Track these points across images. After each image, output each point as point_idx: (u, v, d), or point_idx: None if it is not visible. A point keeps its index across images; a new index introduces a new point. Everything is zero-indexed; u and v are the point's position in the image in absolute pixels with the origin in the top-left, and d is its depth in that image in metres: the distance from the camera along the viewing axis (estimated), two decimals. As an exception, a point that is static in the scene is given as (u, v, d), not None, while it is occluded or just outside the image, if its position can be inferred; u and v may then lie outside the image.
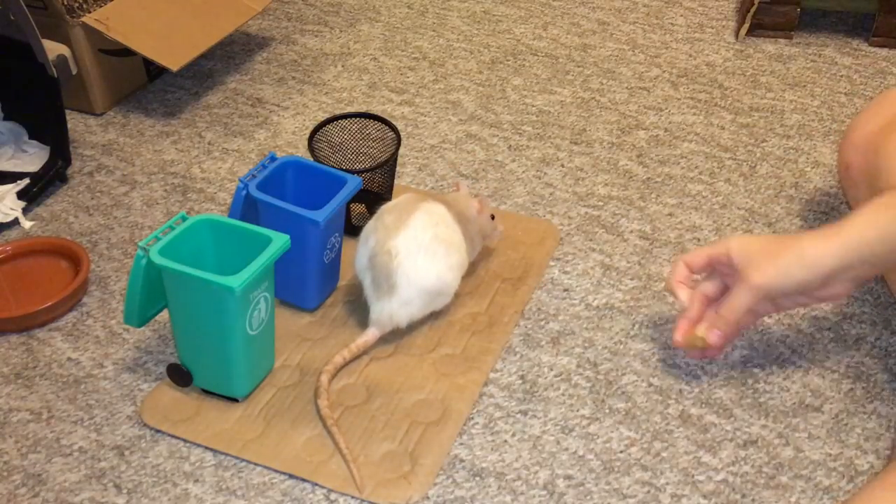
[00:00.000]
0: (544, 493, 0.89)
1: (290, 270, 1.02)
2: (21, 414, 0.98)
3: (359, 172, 1.10)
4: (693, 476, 0.90)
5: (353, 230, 1.18)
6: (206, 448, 0.93)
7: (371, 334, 1.01)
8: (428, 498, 0.88)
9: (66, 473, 0.91)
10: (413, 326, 1.05)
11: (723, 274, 0.98)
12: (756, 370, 1.01)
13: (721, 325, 0.95)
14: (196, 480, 0.90)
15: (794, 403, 0.97)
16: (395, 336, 1.04)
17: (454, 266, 1.02)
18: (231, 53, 1.62)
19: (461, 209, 1.06)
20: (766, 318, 1.07)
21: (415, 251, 0.99)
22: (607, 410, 0.97)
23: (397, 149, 1.15)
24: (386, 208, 1.04)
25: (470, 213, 1.07)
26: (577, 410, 0.97)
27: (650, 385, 1.00)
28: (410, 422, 0.94)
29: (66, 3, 1.35)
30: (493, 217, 1.10)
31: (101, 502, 0.88)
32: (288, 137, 1.41)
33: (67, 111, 1.35)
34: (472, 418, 0.96)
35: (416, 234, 1.00)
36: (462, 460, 0.92)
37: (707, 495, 0.88)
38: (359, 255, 1.03)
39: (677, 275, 0.99)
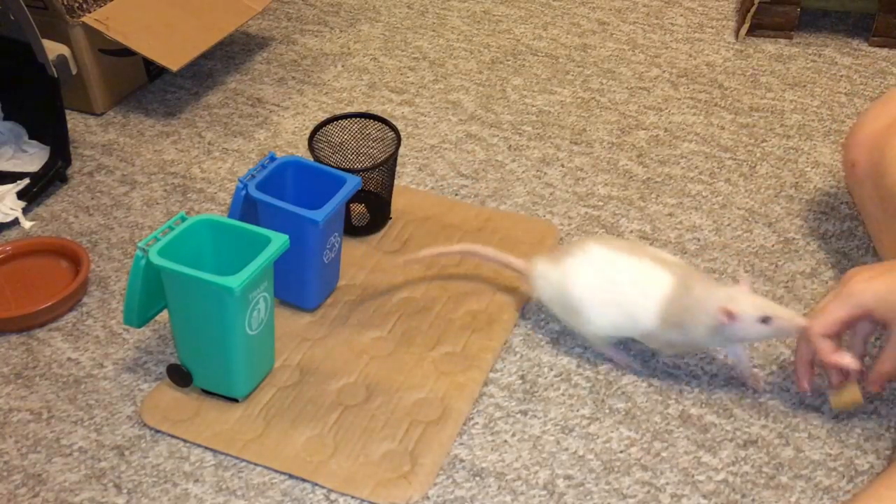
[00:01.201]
0: (544, 493, 0.89)
1: (290, 270, 1.02)
2: (21, 414, 0.98)
3: (359, 172, 1.10)
4: (693, 476, 0.90)
5: (353, 230, 1.18)
6: (206, 448, 0.93)
7: (521, 264, 1.04)
8: (428, 498, 0.88)
9: (66, 473, 0.91)
10: (413, 325, 1.05)
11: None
12: (756, 370, 1.01)
13: (882, 382, 0.89)
14: (196, 480, 0.90)
15: (794, 403, 0.97)
16: (395, 335, 1.04)
17: (598, 318, 0.97)
18: (231, 53, 1.62)
19: (698, 302, 0.92)
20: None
21: (600, 275, 0.96)
22: (607, 410, 0.97)
23: (397, 149, 1.15)
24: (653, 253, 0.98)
25: (706, 317, 0.91)
26: (577, 410, 0.97)
27: (650, 385, 0.99)
28: (410, 421, 0.94)
29: (66, 3, 1.35)
30: (766, 320, 0.89)
31: (101, 502, 0.88)
32: (288, 137, 1.41)
33: (67, 111, 1.35)
34: (472, 418, 0.96)
35: (620, 268, 0.96)
36: (462, 460, 0.92)
37: (707, 495, 0.88)
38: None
39: (825, 352, 0.88)
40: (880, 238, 1.07)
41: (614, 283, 0.96)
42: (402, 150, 1.33)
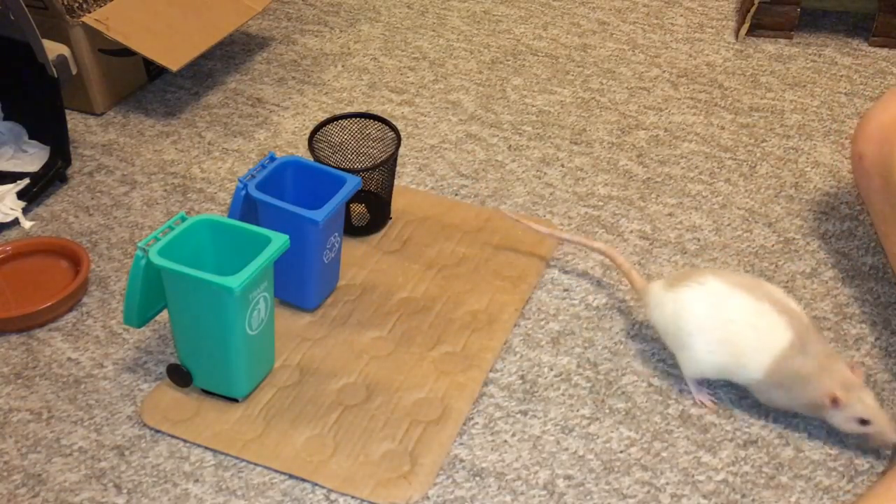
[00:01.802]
0: (544, 493, 0.89)
1: (290, 270, 1.02)
2: (21, 414, 0.98)
3: (359, 172, 1.10)
4: (693, 476, 0.90)
5: (353, 230, 1.18)
6: (206, 448, 0.93)
7: (640, 283, 1.03)
8: (428, 498, 0.88)
9: (66, 473, 0.91)
10: (413, 325, 1.05)
11: None
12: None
13: None
14: (196, 480, 0.90)
15: (794, 403, 0.97)
16: (395, 335, 1.04)
17: (703, 355, 0.94)
18: (231, 53, 1.62)
19: (812, 372, 0.90)
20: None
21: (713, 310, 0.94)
22: (607, 410, 0.97)
23: (397, 149, 1.15)
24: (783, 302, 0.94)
25: (813, 390, 0.90)
26: (577, 410, 0.97)
27: (650, 385, 0.99)
28: (410, 421, 0.94)
29: (66, 3, 1.35)
30: (864, 422, 0.89)
31: (101, 502, 0.88)
32: (288, 137, 1.41)
33: (67, 111, 1.35)
34: (472, 418, 0.96)
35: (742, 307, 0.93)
36: (462, 460, 0.92)
37: (707, 495, 0.88)
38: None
39: None
40: (887, 232, 1.06)
41: (729, 323, 0.93)
42: (402, 150, 1.33)
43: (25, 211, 1.25)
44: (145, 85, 1.53)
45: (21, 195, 1.25)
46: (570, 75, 1.55)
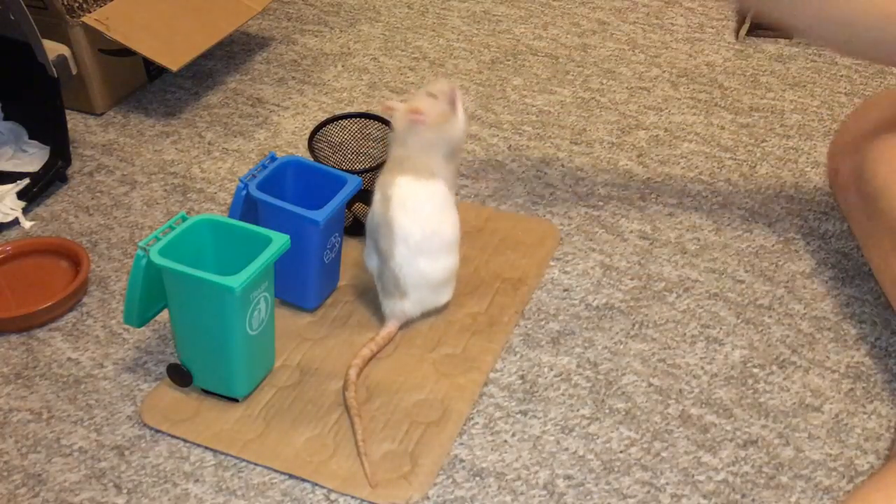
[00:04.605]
0: (544, 493, 0.89)
1: (290, 270, 1.02)
2: (21, 414, 0.98)
3: (359, 172, 1.10)
4: (693, 476, 0.90)
5: (353, 230, 1.18)
6: (206, 448, 0.93)
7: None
8: (428, 498, 0.88)
9: (66, 473, 0.91)
10: (413, 326, 1.05)
11: None
12: (756, 370, 1.01)
13: None
14: (196, 480, 0.90)
15: (794, 403, 0.97)
16: (395, 335, 1.04)
17: None
18: (231, 53, 1.62)
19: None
20: (765, 318, 1.07)
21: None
22: (607, 410, 0.97)
23: (397, 149, 1.15)
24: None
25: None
26: (577, 410, 0.97)
27: (650, 385, 1.00)
28: (410, 422, 0.94)
29: (66, 3, 1.35)
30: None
31: (101, 502, 0.89)
32: (288, 137, 1.41)
33: (67, 111, 1.35)
34: (472, 418, 0.96)
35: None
36: (462, 460, 0.92)
37: (707, 495, 0.88)
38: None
39: None
40: (866, 243, 1.07)
41: None
42: (402, 150, 1.33)
43: (25, 211, 1.25)
44: (145, 85, 1.53)
45: (21, 195, 1.25)
46: (570, 75, 1.55)
